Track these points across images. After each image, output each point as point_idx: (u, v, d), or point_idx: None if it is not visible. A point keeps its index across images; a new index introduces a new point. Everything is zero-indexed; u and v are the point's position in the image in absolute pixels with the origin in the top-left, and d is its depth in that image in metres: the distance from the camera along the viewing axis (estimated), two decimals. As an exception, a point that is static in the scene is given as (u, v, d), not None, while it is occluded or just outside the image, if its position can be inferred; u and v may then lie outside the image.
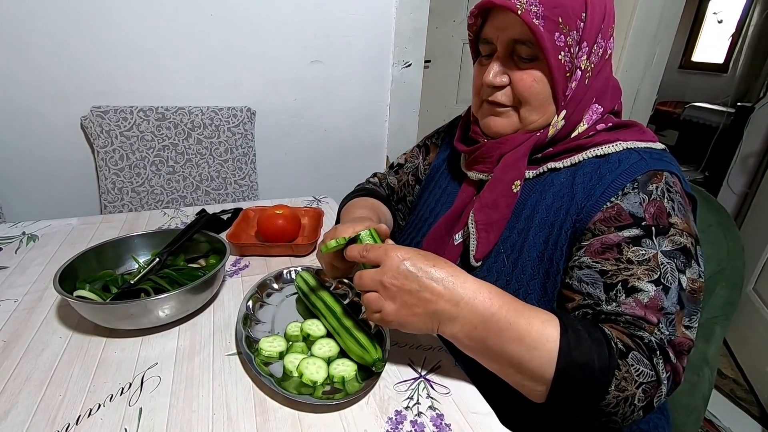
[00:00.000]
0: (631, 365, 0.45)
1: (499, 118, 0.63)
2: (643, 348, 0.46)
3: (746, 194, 2.08)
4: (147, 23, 1.20)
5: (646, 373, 0.45)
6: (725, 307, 0.77)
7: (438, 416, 0.49)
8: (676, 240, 0.51)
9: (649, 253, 0.51)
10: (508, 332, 0.46)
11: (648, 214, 0.53)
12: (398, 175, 0.88)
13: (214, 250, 0.76)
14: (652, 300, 0.49)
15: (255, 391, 0.51)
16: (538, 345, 0.45)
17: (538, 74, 0.58)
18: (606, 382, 0.43)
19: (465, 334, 0.48)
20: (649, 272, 0.50)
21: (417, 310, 0.47)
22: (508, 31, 0.57)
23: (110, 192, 1.24)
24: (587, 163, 0.59)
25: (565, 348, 0.44)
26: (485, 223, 0.62)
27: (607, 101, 0.62)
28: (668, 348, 0.47)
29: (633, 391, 0.44)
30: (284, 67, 1.39)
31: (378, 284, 0.48)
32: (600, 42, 0.57)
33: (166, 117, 1.25)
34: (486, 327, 0.46)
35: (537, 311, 0.48)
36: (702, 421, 0.78)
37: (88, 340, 0.59)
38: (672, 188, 0.55)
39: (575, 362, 0.44)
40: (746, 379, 1.60)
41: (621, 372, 0.44)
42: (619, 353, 0.45)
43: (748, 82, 3.59)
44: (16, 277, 0.72)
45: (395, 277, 0.47)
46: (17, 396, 0.49)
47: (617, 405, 0.44)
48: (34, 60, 1.14)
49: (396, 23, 1.45)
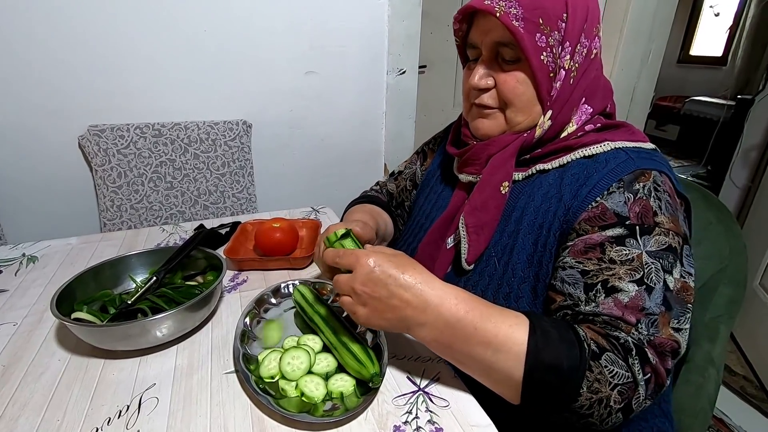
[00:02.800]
0: (605, 366, 0.44)
1: (487, 120, 0.63)
2: (619, 348, 0.46)
3: (749, 188, 2.06)
4: (141, 40, 1.21)
5: (620, 374, 0.44)
6: (729, 305, 0.76)
7: (437, 430, 0.48)
8: (662, 240, 0.51)
9: (632, 253, 0.50)
10: (474, 337, 0.46)
11: (632, 213, 0.52)
12: (397, 181, 0.89)
13: (211, 266, 0.76)
14: (633, 300, 0.48)
15: (253, 410, 0.51)
16: (504, 348, 0.46)
17: (522, 76, 0.58)
18: (577, 384, 0.43)
19: (433, 338, 0.49)
20: (632, 272, 0.49)
21: (387, 315, 0.49)
22: (491, 35, 0.58)
23: (109, 210, 1.25)
24: (575, 164, 0.59)
25: (533, 350, 0.45)
26: (475, 225, 0.62)
27: (597, 101, 0.62)
28: (647, 348, 0.46)
29: (607, 393, 0.44)
30: (279, 78, 1.39)
31: (350, 290, 0.50)
32: (584, 41, 0.57)
33: (162, 133, 1.26)
34: (452, 332, 0.47)
35: (506, 315, 0.48)
36: (710, 421, 0.77)
37: (87, 361, 0.59)
38: (660, 187, 0.54)
39: (543, 363, 0.44)
40: (756, 375, 1.58)
41: (593, 374, 0.44)
42: (592, 354, 0.44)
43: (747, 75, 3.57)
44: (16, 300, 0.72)
45: (365, 284, 0.48)
46: (16, 421, 0.49)
47: (591, 407, 0.44)
48: (30, 80, 1.15)
49: (389, 31, 1.46)
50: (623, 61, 1.80)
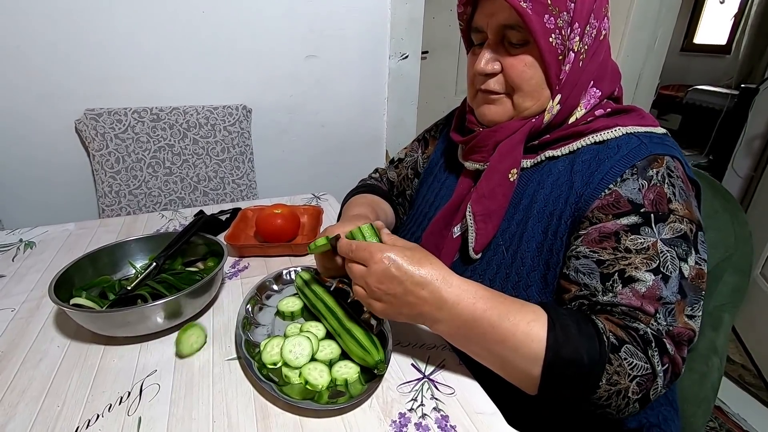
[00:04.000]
0: (624, 359, 0.44)
1: (493, 106, 0.61)
2: (638, 340, 0.46)
3: (752, 177, 2.05)
4: (138, 23, 1.18)
5: (640, 366, 0.44)
6: (733, 294, 0.75)
7: (443, 417, 0.48)
8: (677, 227, 0.50)
9: (648, 242, 0.49)
10: (491, 335, 0.46)
11: (647, 200, 0.51)
12: (398, 169, 0.87)
13: (212, 252, 0.74)
14: (650, 290, 0.48)
15: (256, 397, 0.50)
16: (523, 346, 0.45)
17: (529, 59, 0.56)
18: (596, 377, 0.43)
19: (450, 335, 0.49)
20: (648, 261, 0.49)
21: (403, 311, 0.49)
22: (497, 17, 0.56)
23: (107, 195, 1.23)
24: (586, 150, 0.57)
25: (552, 345, 0.44)
26: (483, 213, 0.60)
27: (606, 85, 0.60)
28: (666, 339, 0.46)
29: (626, 385, 0.44)
30: (279, 63, 1.37)
31: (365, 284, 0.49)
32: (593, 22, 0.55)
33: (160, 118, 1.24)
34: (469, 329, 0.47)
35: (524, 311, 0.47)
36: (712, 409, 0.77)
37: (86, 348, 0.58)
38: (673, 173, 0.53)
39: (563, 359, 0.44)
40: (755, 364, 1.59)
41: (613, 366, 0.44)
42: (611, 347, 0.44)
43: (751, 63, 3.54)
44: (13, 286, 0.71)
45: (380, 281, 0.48)
46: (15, 408, 0.49)
47: (609, 398, 0.44)
48: (26, 63, 1.13)
49: (391, 14, 1.43)
50: (629, 47, 1.77)
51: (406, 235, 0.78)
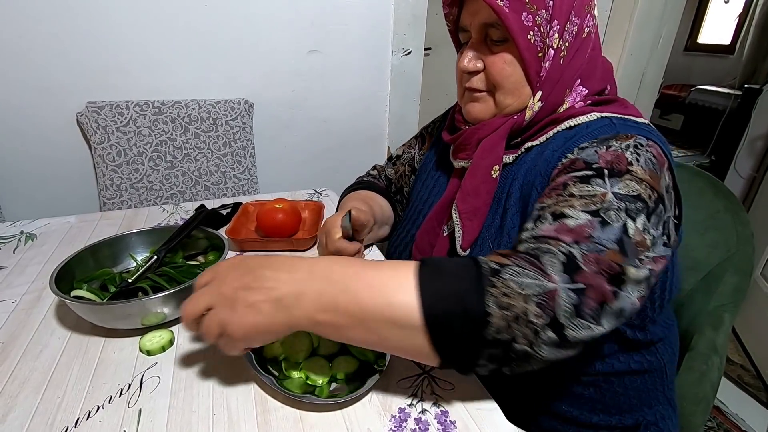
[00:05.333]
0: (508, 279, 0.38)
1: (477, 104, 0.62)
2: (525, 258, 0.40)
3: (754, 178, 2.05)
4: (140, 15, 1.18)
5: (531, 284, 0.38)
6: (734, 294, 0.75)
7: (443, 413, 0.48)
8: (633, 186, 0.45)
9: (596, 191, 0.45)
10: (356, 283, 0.41)
11: (603, 160, 0.48)
12: (395, 166, 0.88)
13: (213, 246, 0.75)
14: (581, 226, 0.42)
15: (256, 391, 0.50)
16: (392, 285, 0.40)
17: (509, 57, 0.57)
18: (480, 301, 0.37)
19: (317, 308, 0.41)
20: (589, 204, 0.43)
21: (262, 306, 0.42)
22: (478, 16, 0.57)
23: (109, 189, 1.23)
24: (558, 136, 0.58)
25: (424, 279, 0.40)
26: (468, 211, 0.61)
27: (594, 82, 0.60)
28: (579, 261, 0.39)
29: (522, 306, 0.37)
30: (281, 57, 1.36)
31: (210, 297, 0.44)
32: (574, 20, 0.55)
33: (162, 111, 1.24)
34: (332, 286, 0.42)
35: (387, 261, 0.45)
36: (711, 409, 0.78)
37: (87, 340, 0.58)
38: (641, 147, 0.49)
39: (438, 290, 0.39)
40: (754, 364, 1.59)
41: (497, 288, 0.38)
42: (491, 271, 0.39)
43: (755, 64, 3.53)
44: (14, 277, 0.71)
45: (230, 275, 0.44)
46: (15, 398, 0.49)
47: (510, 328, 0.37)
48: (27, 56, 1.13)
49: (394, 10, 1.42)
50: (633, 46, 1.76)
51: (403, 232, 0.78)
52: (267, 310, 0.42)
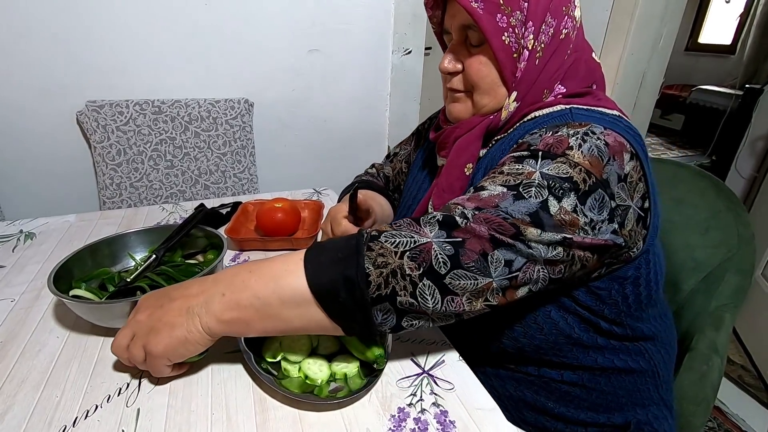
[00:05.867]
0: (385, 241, 0.43)
1: (457, 104, 0.63)
2: (404, 222, 0.44)
3: (754, 178, 2.05)
4: (140, 14, 1.17)
5: (404, 242, 0.42)
6: (735, 294, 0.75)
7: (442, 413, 0.47)
8: (564, 168, 0.45)
9: (524, 170, 0.46)
10: (252, 278, 0.46)
11: (543, 143, 0.48)
12: (393, 163, 0.89)
13: (212, 245, 0.74)
14: (491, 197, 0.44)
15: (255, 390, 0.50)
16: (283, 271, 0.45)
17: (485, 58, 0.57)
18: (359, 264, 0.42)
19: (223, 308, 0.45)
20: (510, 179, 0.45)
21: (175, 320, 0.46)
22: (456, 18, 0.58)
23: (108, 188, 1.23)
24: (520, 127, 0.58)
25: (309, 258, 0.44)
26: (442, 206, 0.61)
27: (576, 83, 0.59)
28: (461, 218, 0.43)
29: (397, 262, 0.41)
30: (282, 56, 1.36)
31: (134, 326, 0.48)
32: (550, 21, 0.55)
33: (162, 110, 1.24)
34: (232, 287, 0.46)
35: (283, 254, 0.48)
36: (711, 409, 0.77)
37: (86, 339, 0.58)
38: (592, 135, 0.47)
39: (321, 264, 0.43)
40: (754, 365, 1.59)
41: (374, 251, 0.42)
42: (370, 238, 0.43)
43: (756, 64, 3.52)
44: (13, 276, 0.71)
45: (145, 303, 0.49)
46: (13, 398, 0.48)
47: (389, 284, 0.41)
48: (27, 55, 1.13)
49: (395, 10, 1.42)
50: (634, 45, 1.76)
51: None
52: (180, 322, 0.46)
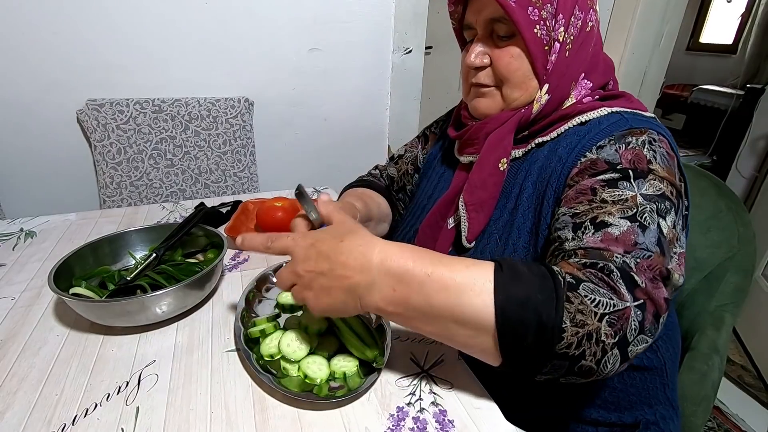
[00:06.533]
0: (585, 296, 0.39)
1: (484, 99, 0.63)
2: (597, 275, 0.41)
3: (755, 178, 2.04)
4: (141, 13, 1.17)
5: (604, 303, 0.39)
6: (736, 294, 0.75)
7: (441, 412, 0.47)
8: (656, 185, 0.47)
9: (626, 194, 0.47)
10: (429, 284, 0.42)
11: (625, 159, 0.49)
12: (397, 165, 0.88)
13: (212, 244, 0.74)
14: (625, 234, 0.44)
15: (254, 389, 0.50)
16: (467, 288, 0.40)
17: (516, 50, 0.57)
18: (557, 317, 0.38)
19: (388, 301, 0.44)
20: (625, 209, 0.46)
21: (334, 291, 0.45)
22: (484, 12, 0.58)
23: (109, 186, 1.23)
24: (570, 132, 0.58)
25: (501, 284, 0.40)
26: (474, 203, 0.61)
27: (598, 76, 0.61)
28: (635, 273, 0.41)
29: (595, 325, 0.38)
30: (282, 55, 1.36)
31: (294, 275, 0.47)
32: (578, 14, 0.56)
33: (162, 109, 1.23)
34: (404, 284, 0.43)
35: (462, 259, 0.44)
36: (711, 409, 0.77)
37: (85, 337, 0.58)
38: (655, 143, 0.51)
39: (515, 298, 0.39)
40: (754, 364, 1.59)
41: (573, 305, 0.38)
42: (568, 286, 0.40)
43: (758, 64, 3.51)
44: (13, 275, 0.71)
45: (306, 263, 0.46)
46: (13, 396, 0.49)
47: (581, 345, 0.38)
48: (28, 53, 1.13)
49: (395, 8, 1.42)
50: (635, 44, 1.75)
51: (406, 227, 0.79)
52: (339, 296, 0.45)
